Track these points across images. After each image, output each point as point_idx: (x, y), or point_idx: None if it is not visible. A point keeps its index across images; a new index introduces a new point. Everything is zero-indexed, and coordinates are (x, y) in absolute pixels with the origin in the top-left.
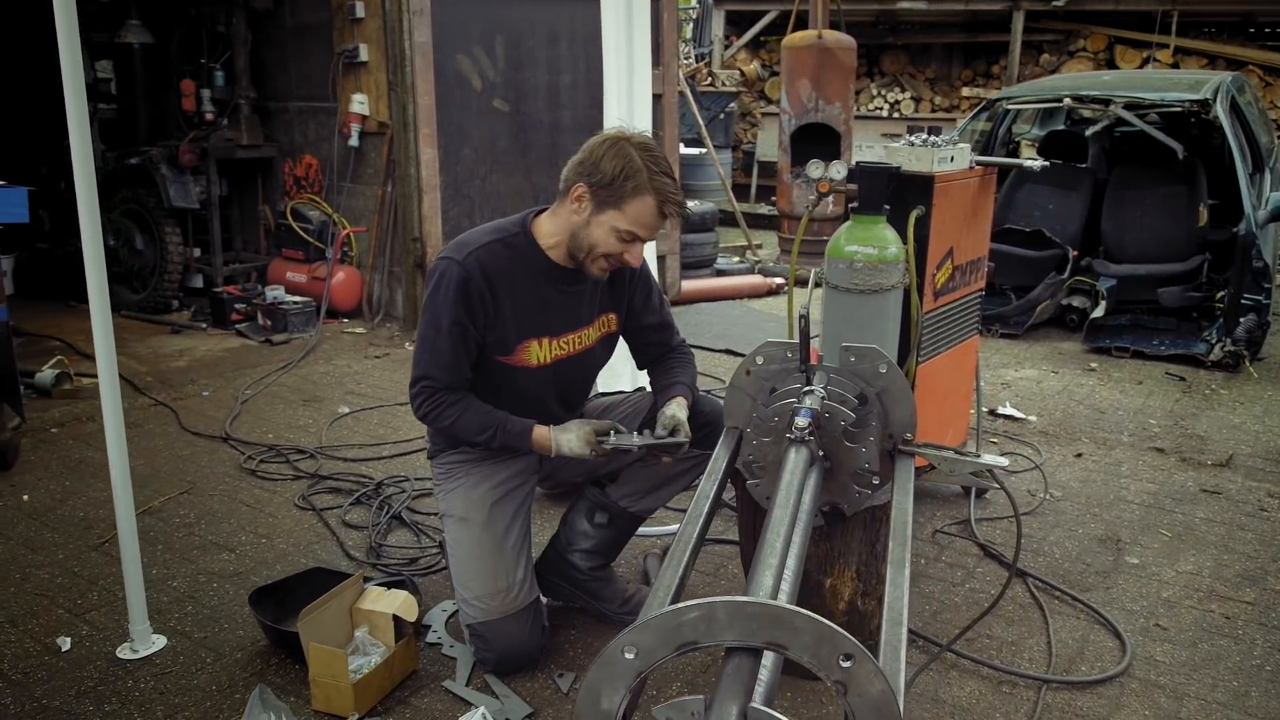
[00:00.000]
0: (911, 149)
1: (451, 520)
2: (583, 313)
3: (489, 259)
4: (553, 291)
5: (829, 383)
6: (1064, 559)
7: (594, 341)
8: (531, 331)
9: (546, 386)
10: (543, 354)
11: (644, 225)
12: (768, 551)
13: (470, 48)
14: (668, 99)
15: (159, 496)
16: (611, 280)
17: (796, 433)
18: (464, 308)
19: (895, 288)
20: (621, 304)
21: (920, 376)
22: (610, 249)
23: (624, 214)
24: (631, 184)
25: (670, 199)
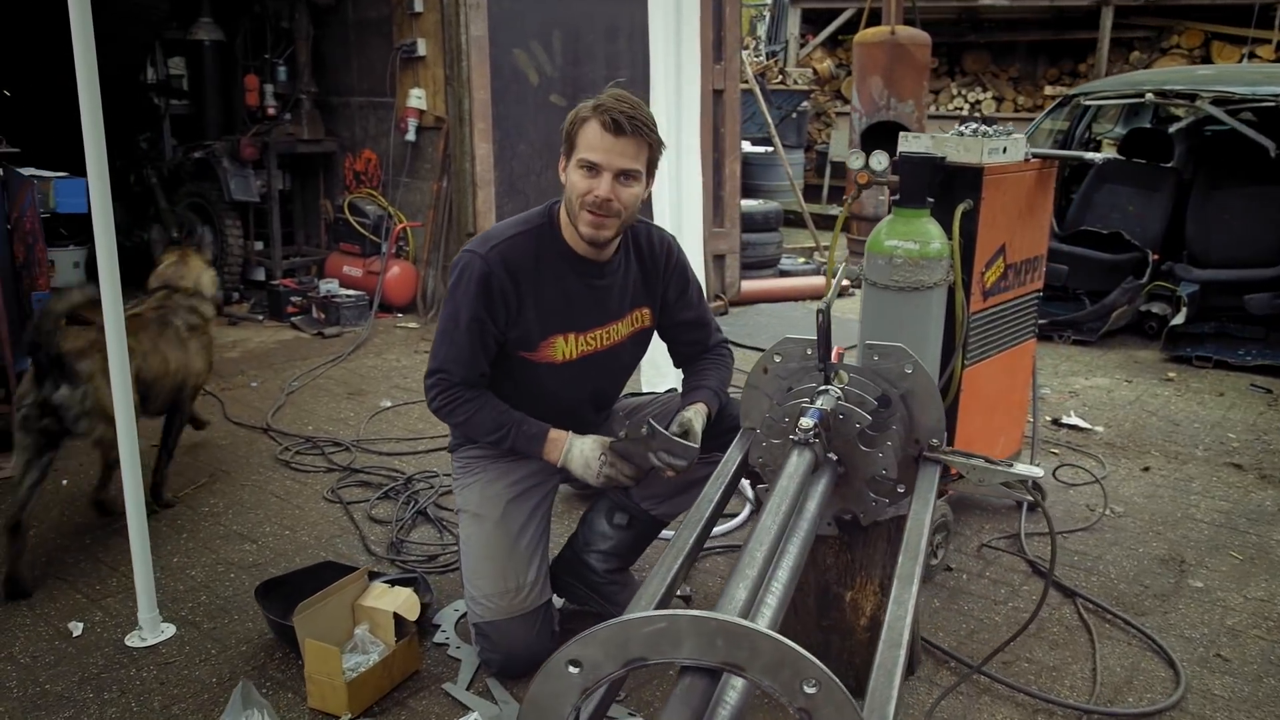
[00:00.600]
0: (960, 139)
1: (466, 516)
2: (611, 307)
3: (512, 253)
4: (580, 285)
5: (849, 383)
6: (1120, 579)
7: (624, 337)
8: (556, 327)
9: (573, 384)
10: (569, 350)
11: (594, 148)
12: (745, 562)
13: (527, 42)
14: (729, 95)
15: (191, 485)
16: (644, 272)
17: (800, 434)
18: (484, 303)
19: (938, 286)
20: (655, 297)
21: (967, 381)
22: (580, 188)
23: (578, 148)
24: (578, 116)
25: (611, 110)
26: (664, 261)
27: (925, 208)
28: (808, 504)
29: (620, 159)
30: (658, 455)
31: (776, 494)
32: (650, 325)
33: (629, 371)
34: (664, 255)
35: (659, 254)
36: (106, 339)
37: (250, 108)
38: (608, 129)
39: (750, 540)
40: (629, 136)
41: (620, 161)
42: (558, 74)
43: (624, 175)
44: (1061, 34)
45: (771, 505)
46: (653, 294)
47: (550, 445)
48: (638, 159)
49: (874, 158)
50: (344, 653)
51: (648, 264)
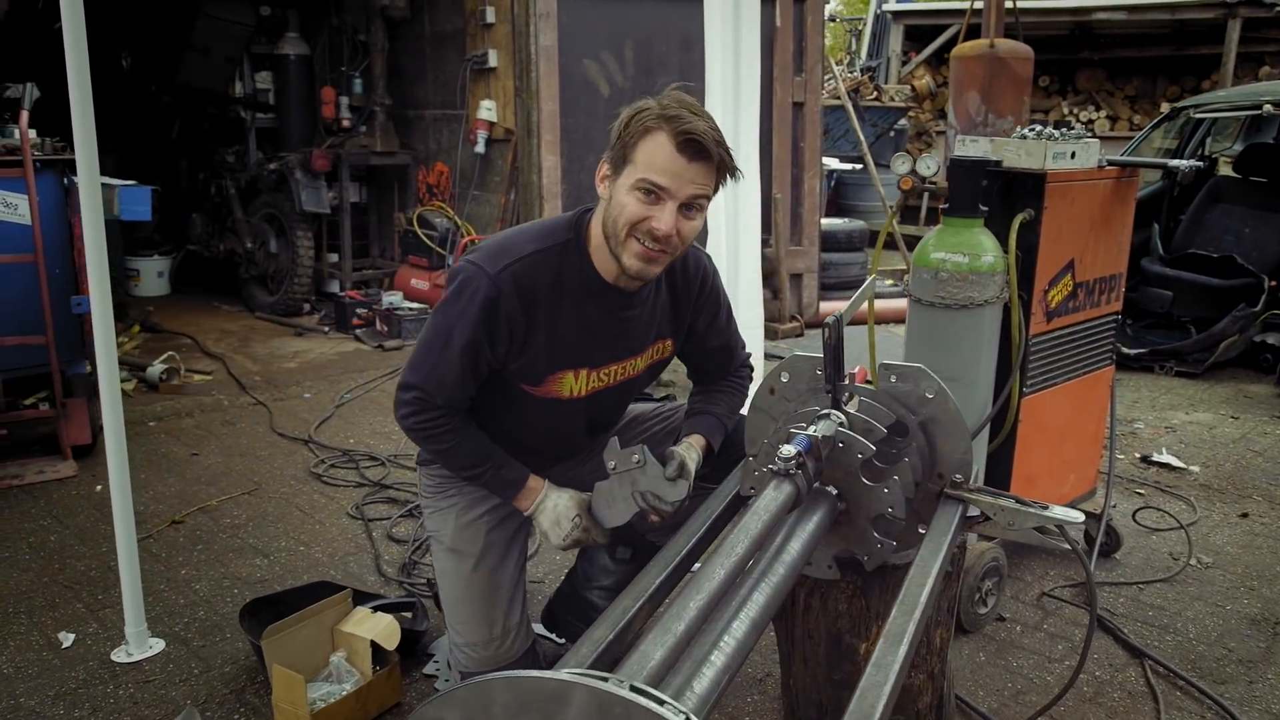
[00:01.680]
0: (1022, 142)
1: (440, 548)
2: (634, 341)
3: (528, 277)
4: (602, 316)
5: (859, 407)
6: (1200, 640)
7: (641, 371)
8: (568, 362)
9: (574, 417)
10: (578, 387)
11: (659, 168)
12: (671, 615)
13: (598, 52)
14: (810, 108)
15: (220, 495)
16: (675, 301)
17: (779, 464)
18: (485, 330)
19: (991, 304)
20: (682, 329)
21: (1027, 410)
22: (633, 215)
23: (635, 164)
24: (638, 125)
25: (689, 131)
26: (698, 289)
27: (977, 217)
28: (790, 544)
29: (691, 187)
30: (644, 496)
31: (738, 532)
32: (670, 356)
33: (634, 397)
34: (699, 282)
35: (694, 280)
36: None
37: (327, 120)
38: (683, 151)
39: (686, 588)
40: (706, 162)
41: (690, 190)
42: (629, 85)
43: (689, 206)
44: (1183, 49)
45: (727, 545)
46: (679, 324)
47: (525, 494)
48: (708, 187)
49: (921, 162)
50: (317, 680)
51: (680, 292)
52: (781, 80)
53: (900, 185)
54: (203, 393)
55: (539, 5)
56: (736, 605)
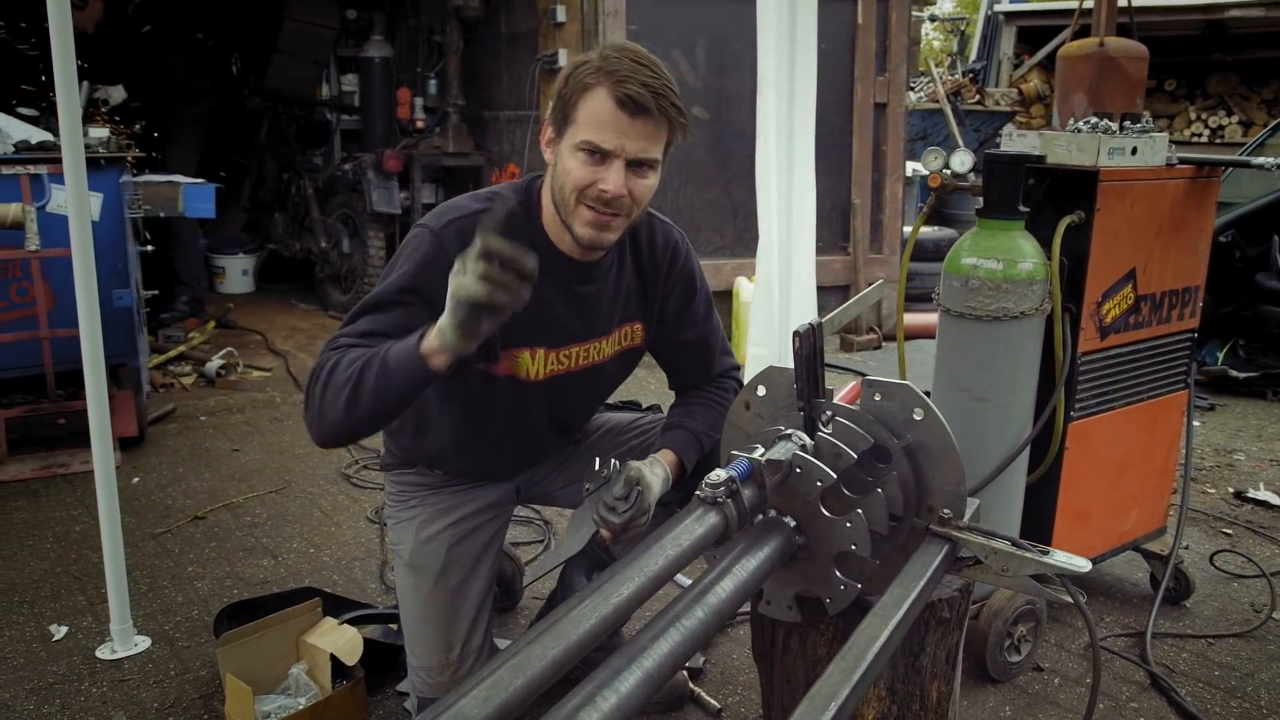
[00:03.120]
0: (1073, 136)
1: (400, 563)
2: (596, 320)
3: (472, 232)
4: (557, 291)
5: (834, 428)
6: (1272, 709)
7: (607, 357)
8: (523, 339)
9: (535, 407)
10: (535, 369)
11: (599, 125)
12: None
13: (669, 51)
14: (893, 109)
15: (248, 492)
16: (642, 278)
17: (706, 490)
18: (424, 287)
19: (1029, 316)
20: (652, 313)
21: (1074, 437)
22: (580, 179)
23: (578, 125)
24: (577, 80)
25: (628, 79)
26: (667, 266)
27: (1017, 219)
28: (721, 583)
29: (637, 144)
30: (601, 517)
31: (632, 570)
32: (641, 344)
33: (607, 395)
34: (668, 258)
35: (662, 256)
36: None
37: (402, 121)
38: (625, 107)
39: (541, 636)
40: (651, 116)
41: (637, 148)
42: (700, 84)
43: (639, 164)
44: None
45: (611, 584)
46: (649, 306)
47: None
48: (658, 143)
49: (956, 157)
50: (275, 692)
51: (646, 268)
52: (863, 80)
53: (929, 183)
54: (257, 389)
55: (608, 3)
56: (631, 654)
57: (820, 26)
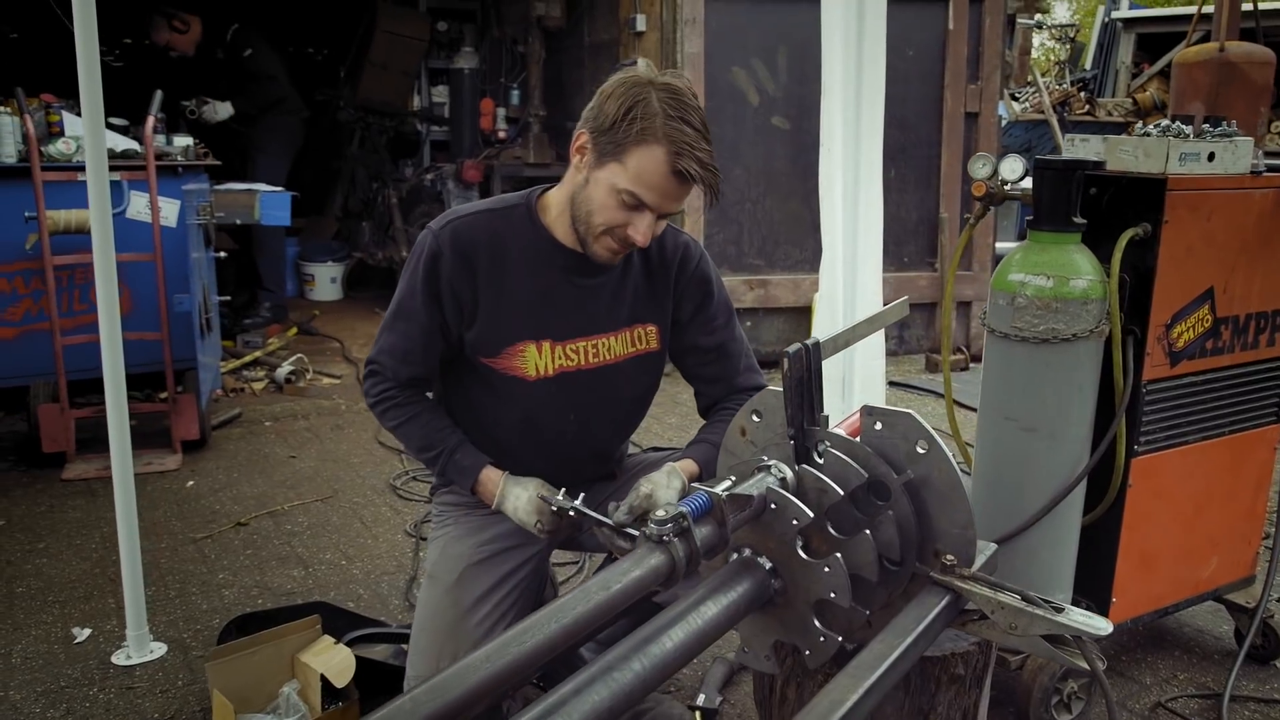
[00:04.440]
0: (1139, 141)
1: (425, 575)
2: (601, 314)
3: (469, 231)
4: (558, 280)
5: (828, 460)
6: None
7: (621, 358)
8: (526, 331)
9: (552, 411)
10: (543, 363)
11: (648, 185)
12: None
13: (748, 59)
14: (985, 119)
15: (294, 500)
16: (650, 278)
17: (652, 528)
18: (429, 289)
19: (1084, 339)
20: (664, 314)
21: (1139, 474)
22: (610, 218)
23: (625, 167)
24: (637, 127)
25: (687, 152)
26: (676, 268)
27: (1071, 231)
28: (670, 631)
29: (675, 204)
30: (607, 539)
31: (544, 616)
32: (658, 348)
33: (635, 407)
34: (677, 260)
35: (672, 257)
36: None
37: (484, 131)
38: (678, 177)
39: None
40: (694, 185)
41: (673, 206)
42: (781, 94)
43: (666, 215)
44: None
45: (515, 634)
46: (659, 307)
47: (482, 485)
48: (688, 198)
49: (1005, 164)
50: (265, 712)
51: (655, 268)
52: (953, 88)
53: (973, 191)
54: (324, 396)
55: (685, 11)
56: (550, 707)
57: (907, 31)
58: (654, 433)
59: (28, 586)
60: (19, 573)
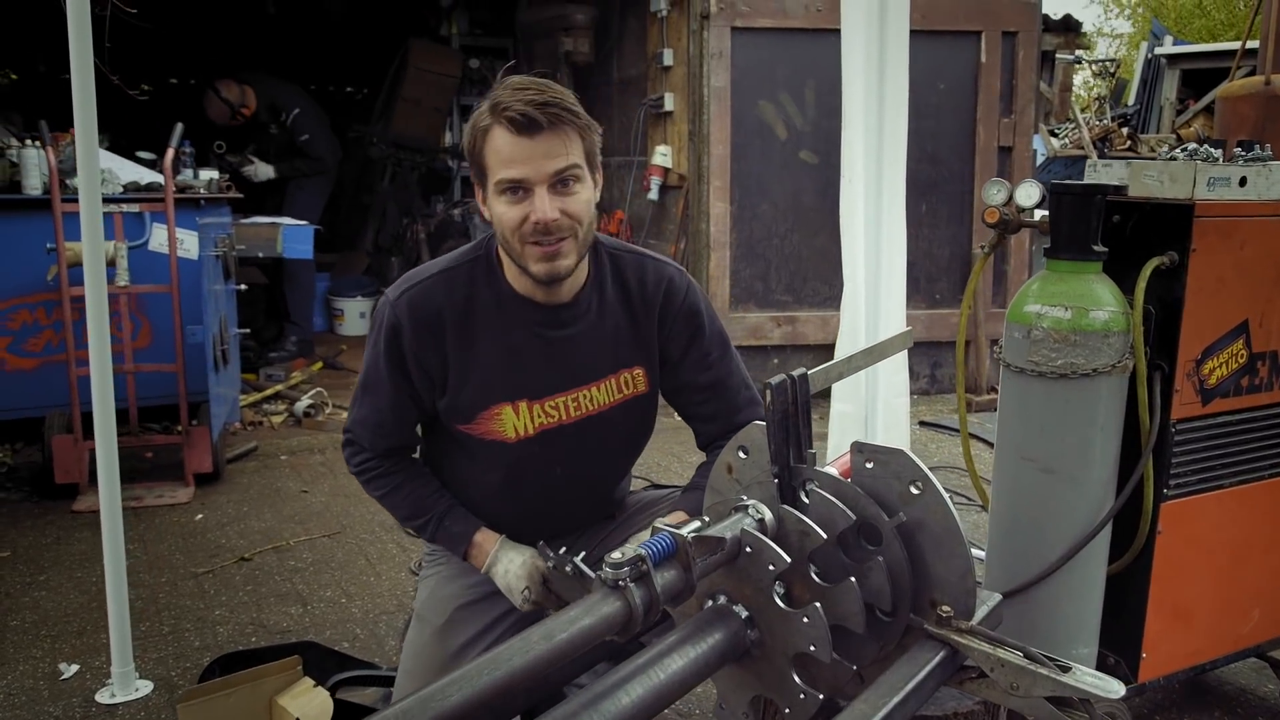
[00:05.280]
0: (1164, 165)
1: (414, 616)
2: (579, 366)
3: (428, 300)
4: (526, 336)
5: (814, 501)
6: None
7: (606, 407)
8: (500, 395)
9: (539, 470)
10: (521, 425)
11: (506, 160)
12: None
13: (775, 93)
14: (1019, 153)
15: (301, 535)
16: (632, 317)
17: (607, 572)
18: (393, 362)
19: (1106, 374)
20: (651, 355)
21: (1169, 520)
22: (511, 219)
23: (490, 170)
24: (477, 129)
25: (512, 104)
26: (661, 304)
27: (1092, 260)
28: (628, 686)
29: (549, 161)
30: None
31: (477, 668)
32: (647, 391)
33: (628, 450)
34: (660, 295)
35: (654, 293)
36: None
37: None
38: (518, 130)
39: None
40: (550, 130)
41: (551, 164)
42: (809, 128)
43: (561, 181)
44: None
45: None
46: (645, 348)
47: (475, 551)
48: (571, 151)
49: (1021, 189)
50: None
51: (636, 308)
52: (986, 122)
53: (985, 218)
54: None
55: (712, 45)
56: None
57: (938, 64)
58: (658, 464)
59: (22, 620)
60: (16, 605)
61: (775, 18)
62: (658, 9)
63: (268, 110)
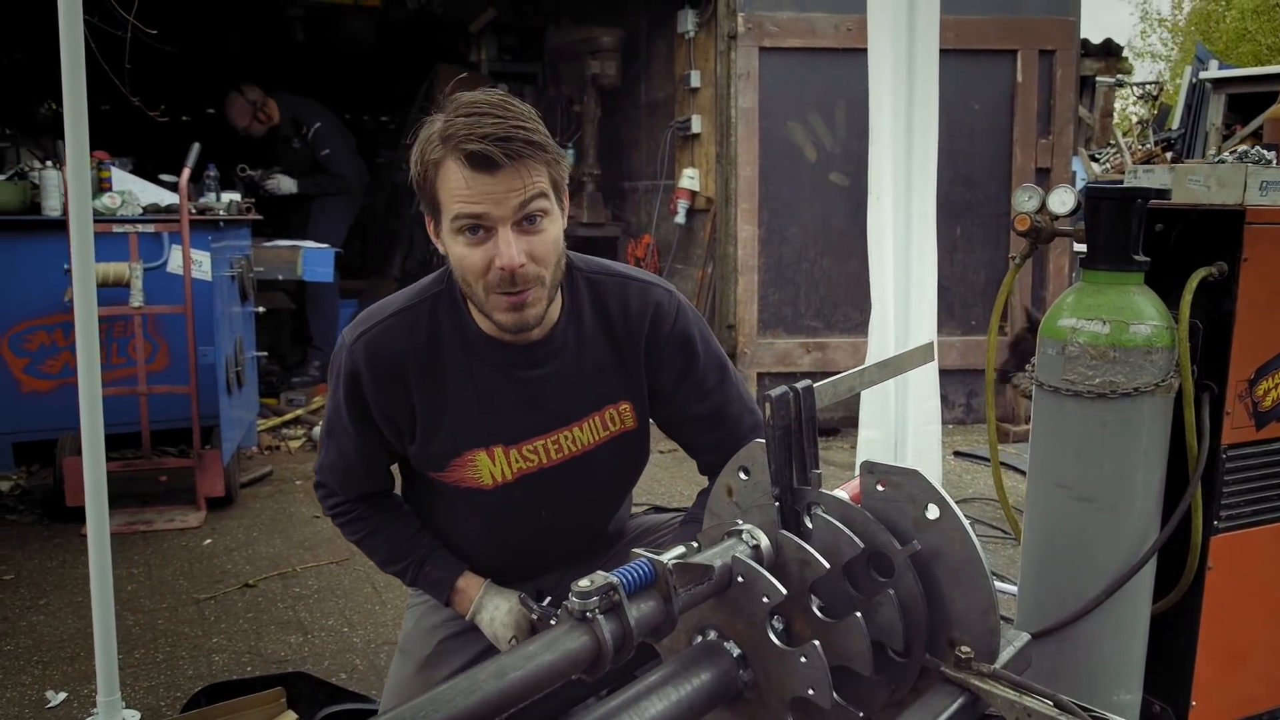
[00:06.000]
0: (1211, 169)
1: (398, 648)
2: (557, 408)
3: (387, 344)
4: (497, 379)
5: (819, 526)
6: None
7: (591, 446)
8: (472, 441)
9: (521, 517)
10: (498, 471)
11: (464, 198)
12: None
13: (804, 114)
14: (1057, 175)
15: (308, 562)
16: (616, 348)
17: (574, 601)
18: (355, 410)
19: (1148, 394)
20: (639, 388)
21: (1221, 555)
22: (473, 265)
23: (444, 205)
24: (428, 160)
25: (468, 137)
26: (649, 332)
27: (1131, 271)
28: None
29: (512, 196)
30: None
31: (405, 712)
32: (636, 427)
33: (620, 485)
34: (649, 324)
35: (638, 322)
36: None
37: None
38: (475, 166)
39: None
40: (510, 163)
41: (514, 200)
42: (840, 149)
43: (527, 218)
44: None
45: None
46: (633, 382)
47: (458, 596)
48: (533, 187)
49: (1055, 196)
50: None
51: (620, 336)
52: (1023, 143)
53: (1015, 225)
54: None
55: (739, 65)
56: None
57: (972, 85)
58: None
59: (16, 644)
60: (12, 629)
61: (804, 37)
62: (685, 30)
63: (290, 124)
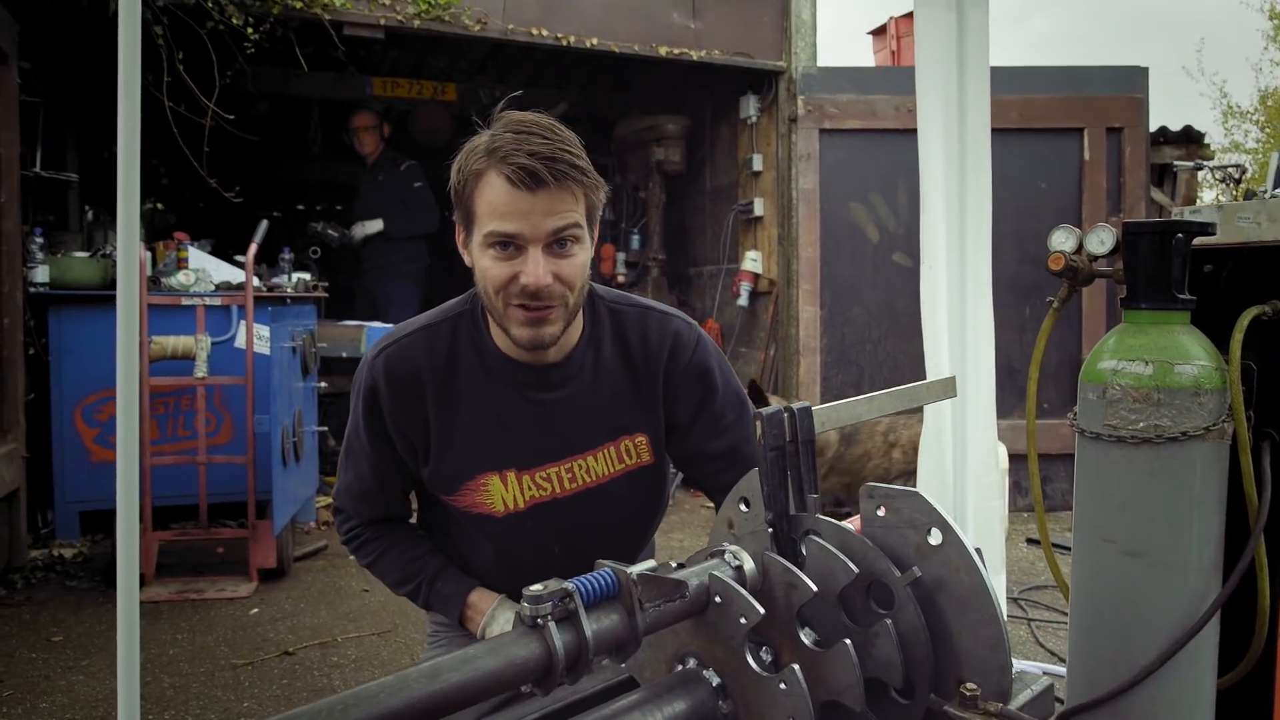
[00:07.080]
0: (1261, 204)
1: None
2: (573, 434)
3: (406, 359)
4: (514, 401)
5: (811, 552)
6: None
7: (605, 477)
8: (485, 464)
9: (536, 545)
10: (510, 497)
11: (500, 213)
12: None
13: (866, 194)
14: None
15: (351, 632)
16: (634, 378)
17: (526, 607)
18: (373, 427)
19: (1199, 437)
20: (655, 418)
21: None
22: (497, 276)
23: (480, 217)
24: (469, 170)
25: (518, 154)
26: (667, 361)
27: (1175, 310)
28: None
29: (548, 219)
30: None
31: (323, 706)
32: (653, 461)
33: (638, 524)
34: (668, 352)
35: (657, 351)
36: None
37: (605, 276)
38: (519, 184)
39: None
40: (549, 187)
41: (549, 223)
42: (902, 230)
43: (559, 241)
44: None
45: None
46: (649, 413)
47: (470, 614)
48: (571, 212)
49: (1093, 236)
50: None
51: (639, 365)
52: (1092, 221)
53: (1049, 265)
54: None
55: (800, 148)
56: None
57: (1038, 163)
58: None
59: (52, 702)
60: (51, 688)
61: (864, 119)
62: (747, 115)
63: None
